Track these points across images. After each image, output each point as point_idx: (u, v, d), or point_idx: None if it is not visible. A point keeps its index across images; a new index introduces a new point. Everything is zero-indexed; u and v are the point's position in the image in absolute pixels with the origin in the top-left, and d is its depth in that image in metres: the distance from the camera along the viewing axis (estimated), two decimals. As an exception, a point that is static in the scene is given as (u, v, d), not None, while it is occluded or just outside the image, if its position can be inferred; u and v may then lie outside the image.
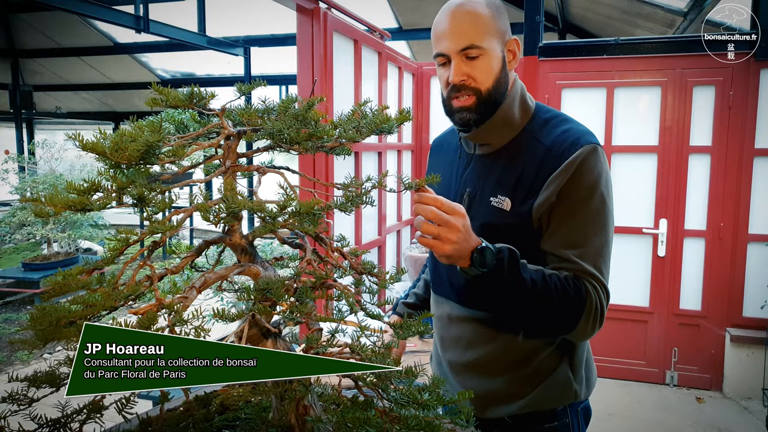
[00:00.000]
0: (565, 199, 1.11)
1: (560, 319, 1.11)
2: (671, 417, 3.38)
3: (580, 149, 1.12)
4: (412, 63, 4.04)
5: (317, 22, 2.47)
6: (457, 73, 1.15)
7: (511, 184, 1.17)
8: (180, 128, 0.95)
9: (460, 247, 1.02)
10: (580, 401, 1.24)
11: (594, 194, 1.12)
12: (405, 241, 3.93)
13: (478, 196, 1.22)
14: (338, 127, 0.93)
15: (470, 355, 1.25)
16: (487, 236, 1.10)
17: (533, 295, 1.06)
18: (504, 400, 1.22)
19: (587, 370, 1.26)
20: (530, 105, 1.24)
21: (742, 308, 3.67)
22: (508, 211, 1.16)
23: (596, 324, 1.11)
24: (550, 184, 1.12)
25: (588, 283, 1.10)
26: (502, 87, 1.19)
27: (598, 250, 1.12)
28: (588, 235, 1.12)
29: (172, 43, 7.10)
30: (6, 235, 6.63)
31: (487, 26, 1.14)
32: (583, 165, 1.11)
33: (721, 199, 3.64)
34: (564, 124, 1.19)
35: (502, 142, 1.22)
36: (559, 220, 1.12)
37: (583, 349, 1.25)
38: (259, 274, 0.87)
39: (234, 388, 1.04)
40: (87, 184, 0.73)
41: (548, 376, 1.20)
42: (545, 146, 1.16)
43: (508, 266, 1.05)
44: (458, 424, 0.88)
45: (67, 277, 0.73)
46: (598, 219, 1.13)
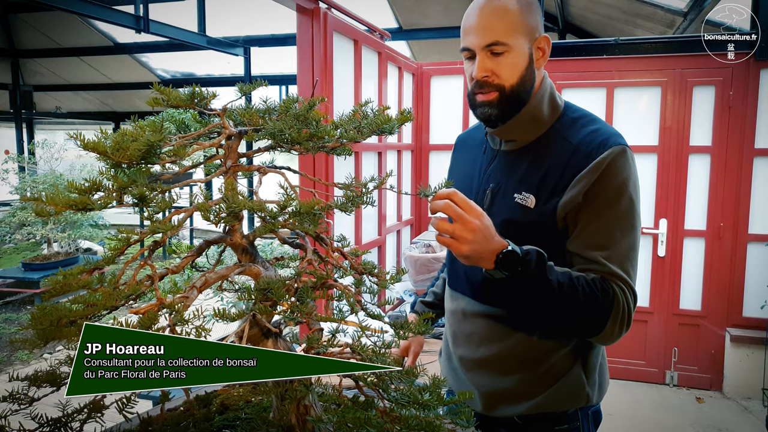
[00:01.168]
0: (593, 200, 1.10)
1: (587, 322, 1.09)
2: (671, 417, 3.38)
3: (609, 150, 1.10)
4: (412, 63, 4.04)
5: (317, 22, 2.47)
6: (481, 69, 1.14)
7: (536, 182, 1.15)
8: (181, 128, 0.95)
9: (479, 248, 1.00)
10: (592, 405, 1.23)
11: (622, 196, 1.11)
12: (405, 241, 3.93)
13: (501, 192, 1.20)
14: (339, 127, 0.93)
15: (482, 352, 1.24)
16: (510, 233, 1.09)
17: (560, 298, 1.05)
18: (514, 399, 1.21)
19: (600, 375, 1.24)
20: (559, 103, 1.22)
21: (742, 308, 3.67)
22: (532, 208, 1.14)
23: (623, 327, 1.10)
24: (577, 184, 1.10)
25: (615, 285, 1.08)
26: (527, 84, 1.17)
27: (626, 252, 1.11)
28: (616, 237, 1.10)
29: (172, 43, 7.10)
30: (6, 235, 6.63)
31: (515, 23, 1.13)
32: (612, 166, 1.10)
33: (720, 199, 3.64)
34: (593, 124, 1.18)
35: (529, 139, 1.20)
36: (587, 221, 1.11)
37: (598, 352, 1.23)
38: (260, 274, 0.87)
39: (234, 388, 1.04)
40: (88, 183, 0.73)
41: (561, 377, 1.18)
42: (573, 145, 1.14)
43: (536, 269, 1.03)
44: (459, 424, 0.88)
45: (68, 277, 0.73)
46: (626, 220, 1.11)
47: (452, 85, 4.10)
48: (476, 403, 1.25)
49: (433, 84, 4.14)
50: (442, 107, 4.13)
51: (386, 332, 0.90)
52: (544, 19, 1.21)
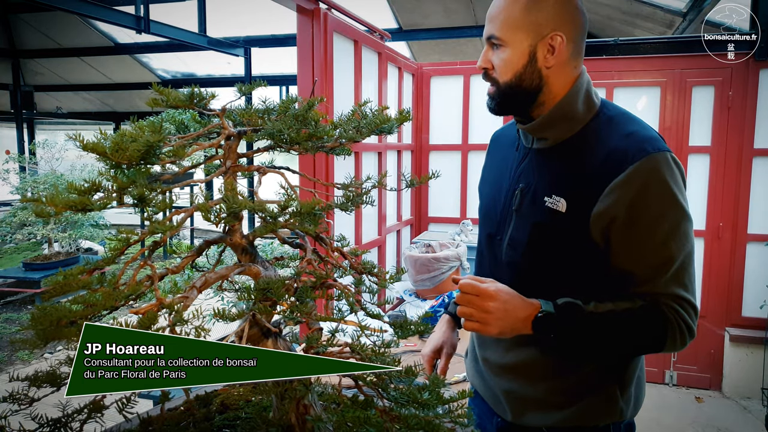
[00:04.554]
0: (641, 216, 1.01)
1: (641, 351, 1.09)
2: (670, 417, 3.38)
3: (648, 157, 1.01)
4: (412, 63, 4.04)
5: (317, 22, 2.48)
6: (481, 59, 1.13)
7: (568, 185, 1.08)
8: (180, 128, 0.95)
9: (506, 324, 1.02)
10: (625, 420, 1.16)
11: (672, 207, 1.03)
12: (405, 241, 3.93)
13: (531, 194, 1.14)
14: (338, 127, 0.93)
15: (511, 357, 1.18)
16: (539, 238, 1.06)
17: (608, 340, 1.05)
18: (542, 408, 1.15)
19: (637, 388, 1.17)
20: (595, 101, 1.14)
21: (741, 308, 3.67)
22: (564, 213, 1.07)
23: (685, 341, 1.05)
24: (612, 192, 1.02)
25: (669, 306, 1.03)
26: (526, 83, 1.10)
27: (683, 267, 1.04)
28: (672, 252, 1.02)
29: (173, 44, 7.10)
30: (7, 235, 6.63)
31: (515, 18, 1.07)
32: (655, 177, 1.01)
33: (720, 199, 3.64)
34: (631, 124, 1.09)
35: (562, 137, 1.12)
36: (635, 238, 1.03)
37: (636, 365, 1.16)
38: (260, 274, 0.87)
39: (234, 388, 1.04)
40: (88, 184, 0.73)
41: (593, 390, 1.12)
42: (609, 147, 1.05)
43: (577, 320, 1.02)
44: (458, 424, 0.88)
45: (68, 277, 0.73)
46: (678, 233, 1.03)
47: (452, 85, 4.10)
48: (505, 411, 1.21)
49: (433, 84, 4.14)
50: (442, 107, 4.13)
51: (386, 332, 0.90)
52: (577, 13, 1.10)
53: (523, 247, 1.13)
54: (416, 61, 4.20)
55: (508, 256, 1.17)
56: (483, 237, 1.29)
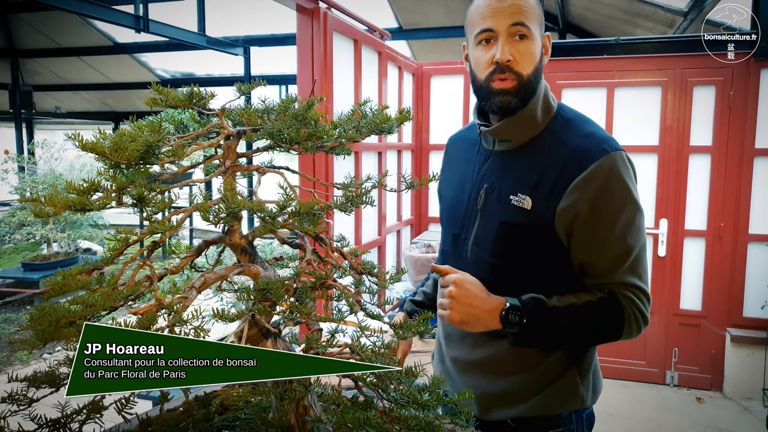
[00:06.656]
0: (601, 211, 1.09)
1: (601, 340, 1.18)
2: (671, 417, 3.38)
3: (606, 156, 1.09)
4: (412, 63, 4.04)
5: (317, 22, 2.47)
6: (505, 52, 1.10)
7: (532, 183, 1.14)
8: (180, 128, 0.95)
9: (467, 312, 1.09)
10: (586, 408, 1.23)
11: (629, 202, 1.11)
12: (405, 241, 3.93)
13: (496, 193, 1.19)
14: (338, 126, 0.93)
15: (477, 354, 1.23)
16: (506, 235, 1.10)
17: (571, 331, 1.12)
18: (509, 402, 1.20)
19: (595, 377, 1.25)
20: (552, 105, 1.21)
21: (742, 308, 3.67)
22: (529, 210, 1.13)
23: (639, 328, 1.14)
24: (575, 190, 1.09)
25: (625, 296, 1.11)
26: (538, 78, 1.15)
27: (638, 258, 1.12)
28: (628, 244, 1.11)
29: (172, 43, 7.10)
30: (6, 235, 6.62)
31: (535, 10, 1.13)
32: (615, 174, 1.09)
33: (721, 199, 3.64)
34: (587, 125, 1.17)
35: (524, 140, 1.18)
36: (596, 232, 1.10)
37: (592, 354, 1.24)
38: (259, 274, 0.87)
39: (234, 388, 1.04)
40: (86, 184, 0.73)
41: (555, 380, 1.18)
42: (569, 147, 1.13)
43: (540, 317, 1.09)
44: (458, 424, 0.88)
45: (67, 277, 0.73)
46: (634, 225, 1.11)
47: (452, 84, 4.10)
48: (473, 407, 1.25)
49: (433, 84, 4.14)
50: (442, 107, 4.13)
51: (386, 332, 0.90)
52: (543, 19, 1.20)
53: (489, 244, 1.19)
54: (416, 61, 4.20)
55: (473, 254, 1.22)
56: (448, 237, 1.33)
